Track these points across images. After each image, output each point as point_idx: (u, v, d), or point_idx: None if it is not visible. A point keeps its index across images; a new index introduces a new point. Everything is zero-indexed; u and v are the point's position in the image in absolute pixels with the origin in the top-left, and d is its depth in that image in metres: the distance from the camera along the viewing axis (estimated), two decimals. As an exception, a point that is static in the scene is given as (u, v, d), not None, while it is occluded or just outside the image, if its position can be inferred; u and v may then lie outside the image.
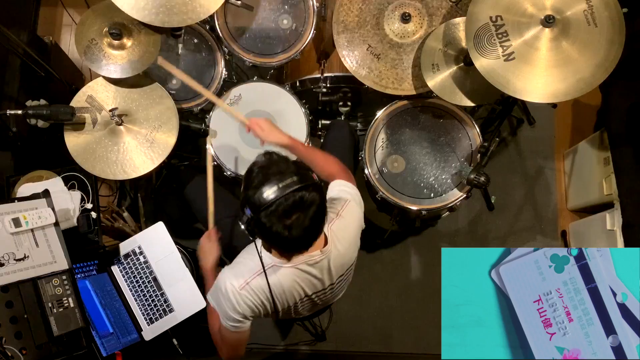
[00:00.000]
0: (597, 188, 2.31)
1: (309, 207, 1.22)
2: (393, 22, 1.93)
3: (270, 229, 1.21)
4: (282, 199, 1.18)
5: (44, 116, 1.74)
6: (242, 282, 1.36)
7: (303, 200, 1.20)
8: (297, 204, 1.20)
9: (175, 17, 1.69)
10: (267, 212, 1.19)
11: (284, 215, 1.20)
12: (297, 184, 1.19)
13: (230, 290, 1.37)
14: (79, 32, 1.76)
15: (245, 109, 2.03)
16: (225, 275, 1.40)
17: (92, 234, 1.86)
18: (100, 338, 1.76)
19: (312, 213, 1.22)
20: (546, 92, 1.59)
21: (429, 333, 2.49)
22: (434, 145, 2.00)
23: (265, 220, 1.20)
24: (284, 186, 1.19)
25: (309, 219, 1.22)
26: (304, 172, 1.25)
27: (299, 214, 1.21)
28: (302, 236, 1.25)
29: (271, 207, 1.19)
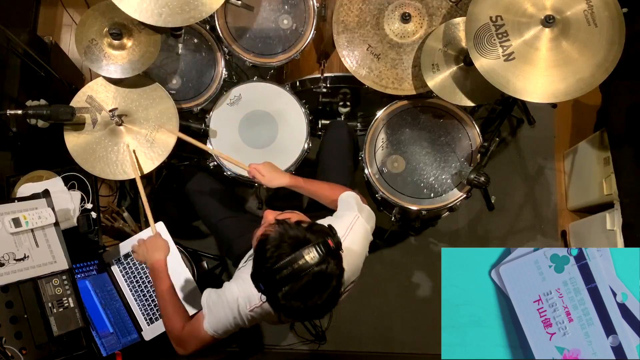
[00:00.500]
0: (597, 188, 2.31)
1: (328, 283, 1.16)
2: (393, 22, 1.93)
3: (285, 306, 1.16)
4: (297, 279, 1.12)
5: (44, 116, 1.74)
6: (252, 305, 1.36)
7: (321, 276, 1.14)
8: (314, 284, 1.14)
9: (179, 17, 1.69)
10: (283, 293, 1.13)
11: (301, 294, 1.14)
12: (313, 259, 1.12)
13: (241, 310, 1.36)
14: (79, 32, 1.76)
15: (245, 109, 2.03)
16: (235, 293, 1.37)
17: (92, 234, 1.87)
18: (100, 338, 1.77)
19: (330, 288, 1.16)
20: (546, 92, 1.59)
21: (429, 333, 2.49)
22: (434, 145, 2.00)
23: (283, 301, 1.15)
24: (300, 265, 1.11)
25: (326, 295, 1.16)
26: (321, 240, 1.15)
27: (315, 292, 1.15)
28: (318, 309, 1.19)
29: (285, 287, 1.13)
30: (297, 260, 1.11)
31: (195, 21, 1.71)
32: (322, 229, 1.21)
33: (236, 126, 2.02)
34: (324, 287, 1.15)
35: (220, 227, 1.94)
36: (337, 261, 1.18)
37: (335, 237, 1.20)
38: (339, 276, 1.18)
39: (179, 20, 1.69)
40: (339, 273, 1.18)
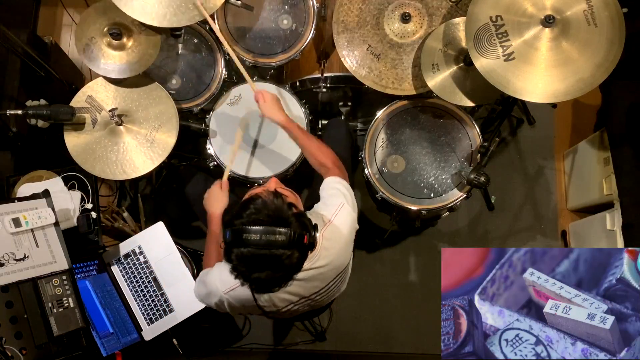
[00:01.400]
0: (597, 188, 2.31)
1: (279, 268, 1.21)
2: (393, 22, 1.93)
3: (232, 262, 1.21)
4: (256, 248, 1.17)
5: (44, 116, 1.74)
6: (227, 288, 1.39)
7: (276, 260, 1.19)
8: (268, 261, 1.19)
9: (183, 16, 1.69)
10: (238, 250, 1.19)
11: (250, 263, 1.19)
12: (281, 242, 1.17)
13: (215, 291, 1.41)
14: (80, 30, 1.76)
15: (246, 109, 2.03)
16: (215, 274, 1.43)
17: (92, 234, 1.86)
18: (100, 338, 1.77)
19: (279, 274, 1.22)
20: (546, 92, 1.59)
21: (429, 333, 2.49)
22: (434, 145, 2.00)
23: (233, 257, 1.20)
24: (266, 239, 1.16)
25: (270, 276, 1.22)
26: (298, 232, 1.20)
27: (264, 270, 1.20)
28: (257, 282, 1.24)
29: (244, 249, 1.18)
30: (267, 233, 1.17)
31: (200, 19, 1.71)
32: (306, 222, 1.25)
33: (236, 126, 2.02)
34: (274, 269, 1.20)
35: None
36: (300, 257, 1.23)
37: (312, 237, 1.25)
38: (292, 269, 1.24)
39: (184, 19, 1.70)
40: (294, 266, 1.23)
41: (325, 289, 1.47)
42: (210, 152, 2.00)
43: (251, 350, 2.49)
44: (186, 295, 1.90)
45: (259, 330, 2.51)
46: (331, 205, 1.47)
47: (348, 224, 1.45)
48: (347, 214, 1.46)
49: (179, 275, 1.93)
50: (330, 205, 1.47)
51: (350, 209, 1.47)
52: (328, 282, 1.45)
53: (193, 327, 2.00)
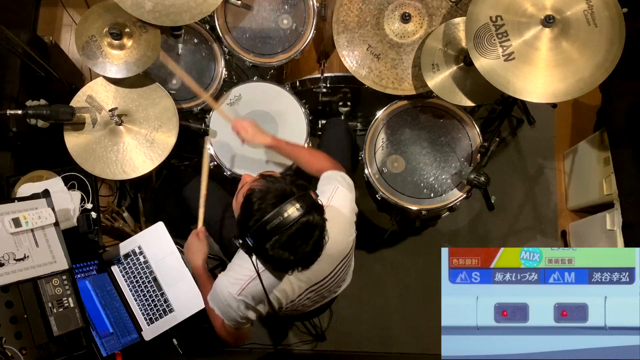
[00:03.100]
0: (597, 188, 2.31)
1: (313, 232, 1.21)
2: (393, 22, 1.93)
3: (273, 257, 1.21)
4: (285, 228, 1.17)
5: (44, 116, 1.74)
6: (238, 289, 1.38)
7: (306, 226, 1.19)
8: (301, 232, 1.19)
9: (186, 15, 1.70)
10: (271, 242, 1.18)
11: (289, 243, 1.19)
12: (299, 210, 1.17)
13: (229, 298, 1.39)
14: (80, 28, 1.76)
15: (245, 109, 2.03)
16: (222, 283, 1.42)
17: (92, 234, 1.87)
18: (100, 338, 1.76)
19: (315, 237, 1.22)
20: (546, 92, 1.59)
21: (428, 333, 2.49)
22: (434, 145, 2.00)
23: (271, 252, 1.20)
24: (287, 216, 1.17)
25: (312, 244, 1.22)
26: (304, 193, 1.22)
27: (302, 241, 1.20)
28: (304, 259, 1.25)
29: (275, 236, 1.17)
30: (285, 211, 1.17)
31: (202, 16, 1.72)
32: (304, 183, 1.26)
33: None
34: (309, 235, 1.21)
35: (217, 229, 1.95)
36: (319, 212, 1.24)
37: (314, 192, 1.26)
38: (322, 226, 1.24)
39: (187, 17, 1.70)
40: (322, 223, 1.24)
41: (333, 274, 1.48)
42: (210, 152, 2.00)
43: (251, 350, 2.49)
44: (186, 295, 1.90)
45: (259, 330, 2.51)
46: (326, 191, 1.49)
47: (347, 205, 1.47)
48: (343, 195, 1.48)
49: (179, 275, 1.93)
50: (325, 192, 1.49)
51: (345, 190, 1.49)
52: (335, 266, 1.46)
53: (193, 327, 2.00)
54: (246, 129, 1.71)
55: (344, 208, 1.47)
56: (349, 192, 1.51)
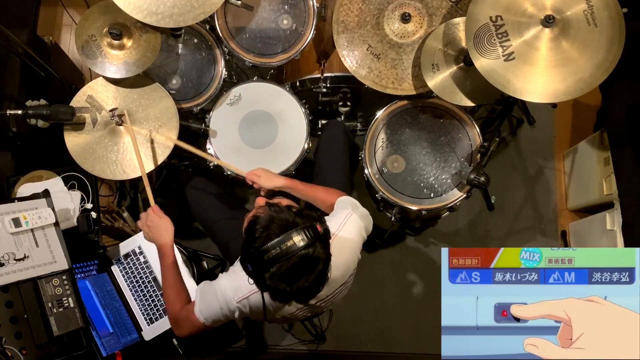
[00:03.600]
0: (597, 188, 2.31)
1: (314, 266, 1.18)
2: (393, 22, 1.93)
3: (270, 287, 1.19)
4: (285, 260, 1.14)
5: (44, 116, 1.74)
6: (240, 296, 1.38)
7: (308, 259, 1.16)
8: (301, 266, 1.16)
9: (189, 15, 1.70)
10: (270, 274, 1.16)
11: (287, 276, 1.17)
12: (301, 242, 1.15)
13: (228, 301, 1.39)
14: (80, 27, 1.76)
15: (245, 109, 2.03)
16: (224, 284, 1.41)
17: (92, 234, 1.87)
18: (100, 338, 1.77)
19: (316, 272, 1.19)
20: (546, 92, 1.59)
21: (428, 333, 2.49)
22: (434, 145, 2.00)
23: (269, 282, 1.17)
24: (287, 247, 1.14)
25: (312, 279, 1.19)
26: (309, 224, 1.19)
27: (302, 275, 1.18)
28: (302, 293, 1.22)
29: (273, 267, 1.15)
30: (285, 242, 1.14)
31: (205, 16, 1.71)
32: (311, 214, 1.24)
33: (236, 126, 2.02)
34: (310, 269, 1.18)
35: (216, 229, 1.95)
36: (324, 245, 1.20)
37: (323, 224, 1.23)
38: (326, 260, 1.21)
39: (190, 17, 1.70)
40: (326, 257, 1.21)
41: (332, 295, 1.47)
42: (210, 152, 2.00)
43: (251, 350, 2.49)
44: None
45: (259, 331, 2.51)
46: (339, 216, 1.47)
47: (357, 233, 1.46)
48: (355, 223, 1.46)
49: (179, 275, 1.92)
50: (337, 216, 1.47)
51: (357, 218, 1.47)
52: (335, 289, 1.45)
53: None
54: (258, 175, 1.70)
55: (354, 236, 1.44)
56: (361, 220, 1.48)
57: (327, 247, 1.22)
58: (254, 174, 1.71)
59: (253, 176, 1.71)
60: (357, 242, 1.47)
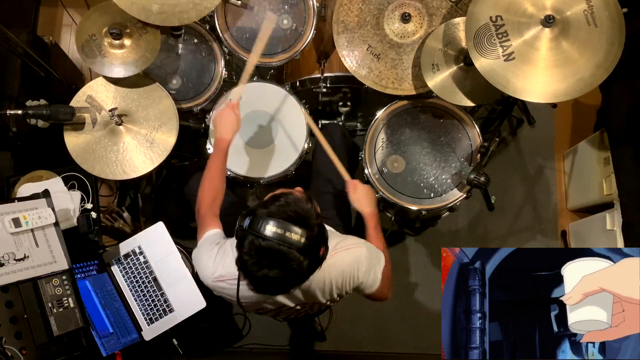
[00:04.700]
0: (597, 188, 2.31)
1: (289, 270, 1.15)
2: (393, 22, 1.93)
3: (242, 254, 1.17)
4: (272, 242, 1.12)
5: (44, 116, 1.74)
6: (217, 275, 1.36)
7: (288, 260, 1.13)
8: (278, 260, 1.13)
9: (192, 12, 1.70)
10: (255, 239, 1.14)
11: (260, 256, 1.14)
12: (297, 243, 1.12)
13: (205, 274, 1.38)
14: (81, 27, 1.77)
15: (245, 109, 2.03)
16: (206, 256, 1.39)
17: (92, 234, 1.87)
18: (100, 338, 1.77)
19: (285, 277, 1.16)
20: (546, 92, 1.59)
21: (428, 333, 2.49)
22: (434, 145, 2.00)
23: (246, 245, 1.15)
24: (284, 236, 1.12)
25: (277, 278, 1.15)
26: (317, 237, 1.16)
27: (273, 267, 1.14)
28: (263, 283, 1.19)
29: (261, 240, 1.13)
30: (289, 229, 1.12)
31: (208, 11, 1.72)
32: (326, 235, 1.20)
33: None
34: (284, 269, 1.14)
35: None
36: (310, 267, 1.17)
37: (326, 251, 1.20)
38: (301, 276, 1.18)
39: (194, 14, 1.71)
40: (302, 275, 1.18)
41: (311, 305, 1.46)
42: (210, 152, 2.00)
43: (251, 350, 2.49)
44: (186, 295, 1.90)
45: (259, 330, 2.51)
46: (350, 240, 1.43)
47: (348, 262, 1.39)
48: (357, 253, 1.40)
49: (179, 275, 1.93)
50: (349, 239, 1.43)
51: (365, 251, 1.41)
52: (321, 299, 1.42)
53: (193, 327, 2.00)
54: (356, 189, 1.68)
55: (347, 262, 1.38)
56: (367, 261, 1.40)
57: (310, 270, 1.18)
58: (354, 187, 1.69)
59: (352, 187, 1.69)
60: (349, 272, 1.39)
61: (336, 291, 1.41)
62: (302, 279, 1.20)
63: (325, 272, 1.34)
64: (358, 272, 1.40)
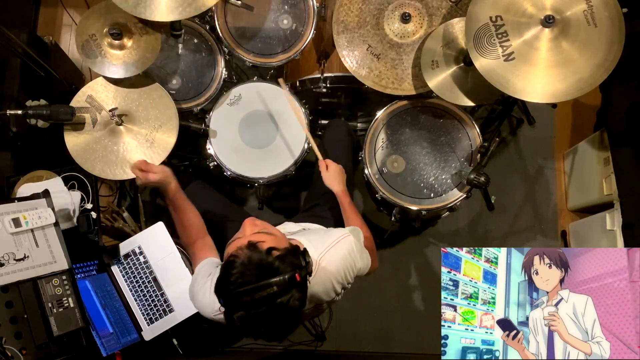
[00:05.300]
0: (597, 188, 2.31)
1: (287, 315, 1.15)
2: (393, 22, 1.93)
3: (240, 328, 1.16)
4: (255, 308, 1.12)
5: (44, 116, 1.74)
6: (217, 308, 1.33)
7: (280, 308, 1.13)
8: (273, 314, 1.14)
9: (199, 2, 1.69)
10: (239, 315, 1.14)
11: (257, 321, 1.15)
12: (275, 291, 1.11)
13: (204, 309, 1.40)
14: (81, 26, 1.76)
15: (245, 109, 2.03)
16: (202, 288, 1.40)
17: (92, 234, 1.86)
18: (100, 338, 1.77)
19: (287, 320, 1.17)
20: (546, 92, 1.59)
21: (428, 333, 2.49)
22: (434, 145, 2.00)
23: (239, 323, 1.15)
24: (261, 296, 1.11)
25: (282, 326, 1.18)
26: (287, 274, 1.14)
27: (273, 322, 1.15)
28: (272, 336, 1.22)
29: (243, 312, 1.13)
30: (259, 291, 1.11)
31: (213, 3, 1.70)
32: (293, 261, 1.18)
33: (236, 126, 2.02)
34: (281, 318, 1.16)
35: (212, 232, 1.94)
36: (301, 295, 1.17)
37: (304, 269, 1.18)
38: (299, 308, 1.18)
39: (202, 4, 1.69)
40: (300, 305, 1.17)
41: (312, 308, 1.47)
42: (210, 152, 2.00)
43: (251, 350, 2.49)
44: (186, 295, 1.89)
45: (259, 330, 2.51)
46: (334, 232, 1.43)
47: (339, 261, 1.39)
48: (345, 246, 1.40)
49: (179, 275, 1.93)
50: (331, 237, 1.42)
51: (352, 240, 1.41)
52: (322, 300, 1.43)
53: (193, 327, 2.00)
54: (328, 168, 1.75)
55: (338, 261, 1.38)
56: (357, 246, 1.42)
57: (304, 296, 1.18)
58: (325, 166, 1.75)
59: (323, 166, 1.76)
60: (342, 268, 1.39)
61: (339, 287, 1.42)
62: (302, 308, 1.19)
63: (323, 275, 1.35)
64: (354, 262, 1.41)
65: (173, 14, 1.68)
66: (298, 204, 2.60)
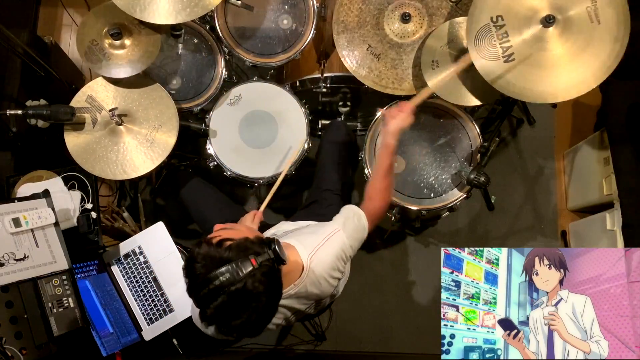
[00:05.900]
0: (597, 188, 2.31)
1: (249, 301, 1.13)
2: (393, 22, 1.93)
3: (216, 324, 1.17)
4: (214, 298, 1.12)
5: (44, 116, 1.74)
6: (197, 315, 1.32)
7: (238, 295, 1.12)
8: (234, 303, 1.13)
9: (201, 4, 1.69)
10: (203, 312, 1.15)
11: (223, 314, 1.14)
12: (226, 279, 1.11)
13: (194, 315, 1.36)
14: (80, 34, 1.76)
15: (245, 109, 2.03)
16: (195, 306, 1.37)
17: (92, 234, 1.87)
18: (100, 338, 1.77)
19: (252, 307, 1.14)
20: (546, 92, 1.59)
21: (429, 333, 2.49)
22: (434, 145, 2.00)
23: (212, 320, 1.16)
24: (215, 286, 1.11)
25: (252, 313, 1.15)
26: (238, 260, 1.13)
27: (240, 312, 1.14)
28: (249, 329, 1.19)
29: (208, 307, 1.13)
30: (212, 281, 1.11)
31: (212, 7, 1.70)
32: (247, 247, 1.17)
33: (236, 126, 2.02)
34: (245, 305, 1.13)
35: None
36: (266, 279, 1.15)
37: (265, 254, 1.17)
38: (266, 293, 1.15)
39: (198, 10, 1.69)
40: (265, 290, 1.15)
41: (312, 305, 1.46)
42: (210, 152, 2.00)
43: (251, 350, 2.49)
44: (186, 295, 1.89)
45: (259, 330, 2.51)
46: (327, 227, 1.42)
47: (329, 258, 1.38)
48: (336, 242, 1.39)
49: (179, 275, 1.89)
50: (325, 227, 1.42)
51: (343, 236, 1.39)
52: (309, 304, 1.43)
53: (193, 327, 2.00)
54: (392, 116, 1.59)
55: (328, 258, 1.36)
56: (347, 239, 1.40)
57: (269, 279, 1.16)
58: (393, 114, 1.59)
59: (389, 115, 1.60)
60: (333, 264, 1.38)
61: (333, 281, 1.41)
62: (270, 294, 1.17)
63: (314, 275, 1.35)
64: (344, 255, 1.40)
65: (181, 16, 1.68)
66: (298, 204, 2.60)
